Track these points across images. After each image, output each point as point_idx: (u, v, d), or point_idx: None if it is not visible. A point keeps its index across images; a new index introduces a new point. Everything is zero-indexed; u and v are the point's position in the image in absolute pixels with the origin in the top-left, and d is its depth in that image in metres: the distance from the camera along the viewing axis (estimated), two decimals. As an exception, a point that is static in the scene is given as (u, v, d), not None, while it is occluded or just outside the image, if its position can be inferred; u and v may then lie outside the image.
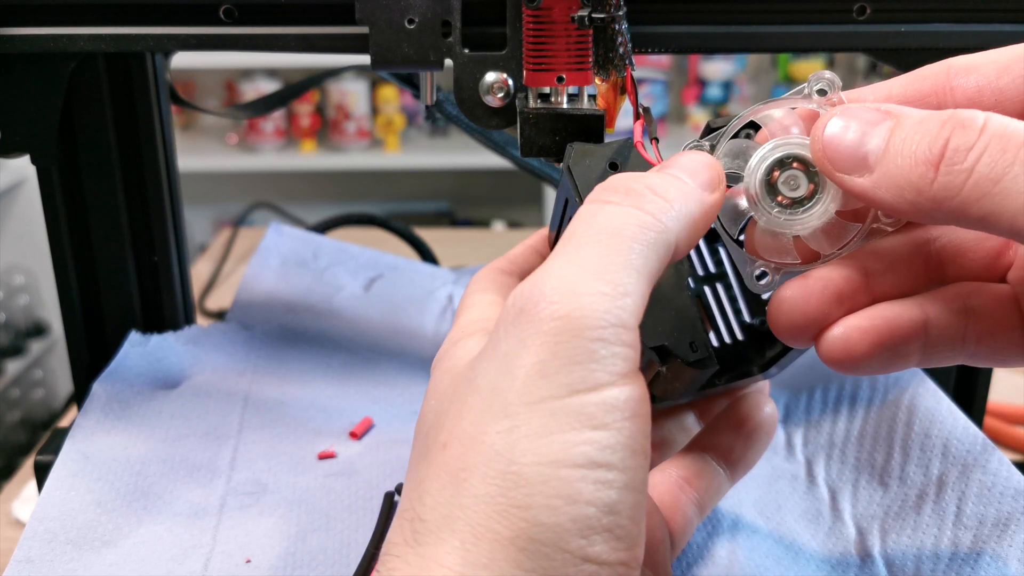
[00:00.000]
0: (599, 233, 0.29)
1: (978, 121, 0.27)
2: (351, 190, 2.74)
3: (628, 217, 0.29)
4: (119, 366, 0.56)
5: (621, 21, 0.38)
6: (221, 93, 2.59)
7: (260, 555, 0.45)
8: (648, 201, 0.29)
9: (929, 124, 0.28)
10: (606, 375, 0.27)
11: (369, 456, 0.53)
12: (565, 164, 0.37)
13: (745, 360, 0.42)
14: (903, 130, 0.29)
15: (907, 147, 0.28)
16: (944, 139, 0.28)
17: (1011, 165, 0.26)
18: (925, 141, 0.28)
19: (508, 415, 0.27)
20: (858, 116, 0.30)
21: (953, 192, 0.27)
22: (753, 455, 0.41)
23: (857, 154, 0.29)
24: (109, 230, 0.57)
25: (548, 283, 0.28)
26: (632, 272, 0.28)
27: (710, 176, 0.31)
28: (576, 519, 0.26)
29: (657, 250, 0.29)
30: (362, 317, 0.70)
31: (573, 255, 0.28)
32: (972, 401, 0.58)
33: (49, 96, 0.50)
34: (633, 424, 0.27)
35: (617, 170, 0.36)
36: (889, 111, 0.30)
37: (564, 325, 0.27)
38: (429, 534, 0.27)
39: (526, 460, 0.27)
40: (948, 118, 0.28)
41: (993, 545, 0.43)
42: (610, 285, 0.28)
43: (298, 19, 0.46)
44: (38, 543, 0.44)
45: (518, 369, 0.28)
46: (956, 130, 0.27)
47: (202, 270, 1.09)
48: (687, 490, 0.40)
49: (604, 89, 0.40)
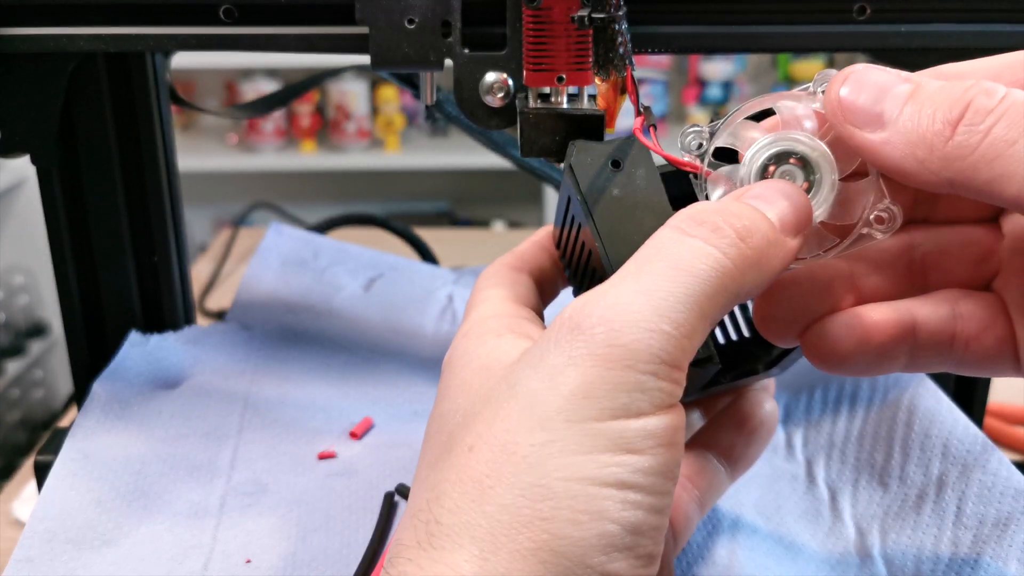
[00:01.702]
0: (673, 268, 0.28)
1: (1000, 90, 0.28)
2: (351, 190, 2.74)
3: (707, 259, 0.28)
4: (119, 366, 0.56)
5: (621, 21, 0.38)
6: (221, 93, 2.59)
7: (260, 555, 0.45)
8: (731, 245, 0.29)
9: (952, 88, 0.29)
10: (649, 406, 0.28)
11: (369, 456, 0.53)
12: (567, 162, 0.37)
13: (750, 358, 0.42)
14: (925, 91, 0.29)
15: (927, 107, 0.29)
16: (966, 101, 0.28)
17: None
18: (947, 102, 0.28)
19: (545, 429, 0.27)
20: (878, 75, 0.30)
21: (967, 151, 0.28)
22: (754, 452, 0.41)
23: (873, 109, 0.29)
24: (109, 230, 0.57)
25: (610, 306, 0.28)
26: (698, 315, 0.28)
27: (797, 219, 0.30)
28: (601, 535, 0.27)
29: (728, 298, 0.29)
30: (362, 317, 0.70)
31: (642, 283, 0.28)
32: (972, 401, 0.58)
33: (49, 96, 0.50)
34: (668, 452, 0.28)
35: (619, 168, 0.36)
36: (909, 77, 0.30)
37: (619, 353, 0.27)
38: (445, 538, 0.27)
39: (557, 475, 0.27)
40: (972, 84, 0.28)
41: (993, 545, 0.43)
42: (673, 324, 0.28)
43: (298, 19, 0.46)
44: (38, 542, 0.44)
45: (563, 386, 0.28)
46: (979, 95, 0.28)
47: (202, 270, 1.09)
48: (688, 488, 0.40)
49: (604, 89, 0.40)
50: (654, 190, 0.36)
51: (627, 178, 0.36)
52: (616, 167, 0.36)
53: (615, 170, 0.36)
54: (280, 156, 2.49)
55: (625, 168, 0.37)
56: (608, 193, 0.36)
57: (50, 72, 0.49)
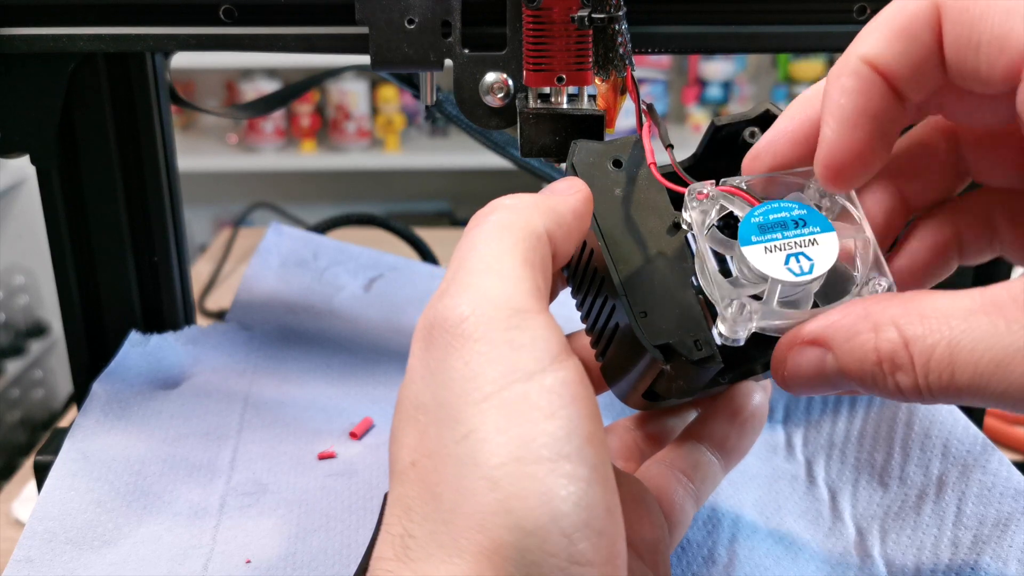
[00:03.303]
0: (473, 245, 0.30)
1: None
2: (351, 190, 2.74)
3: (490, 224, 0.30)
4: (119, 366, 0.56)
5: (621, 21, 0.38)
6: (221, 93, 2.59)
7: (260, 555, 0.45)
8: (505, 208, 0.31)
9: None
10: (533, 362, 0.27)
11: (369, 456, 0.53)
12: (569, 161, 0.37)
13: (747, 359, 0.42)
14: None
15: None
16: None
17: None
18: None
19: (458, 420, 0.27)
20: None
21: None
22: (746, 443, 0.41)
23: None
24: (109, 230, 0.57)
25: (446, 295, 0.29)
26: (516, 261, 0.29)
27: (569, 185, 0.33)
28: (555, 518, 0.26)
29: (528, 240, 0.30)
30: (362, 317, 0.70)
31: (457, 270, 0.30)
32: (972, 401, 0.58)
33: (49, 96, 0.50)
34: (574, 409, 0.27)
35: (620, 167, 0.36)
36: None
37: (474, 323, 0.28)
38: (420, 549, 0.27)
39: (492, 463, 0.26)
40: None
41: (993, 545, 0.43)
42: (499, 275, 0.29)
43: (298, 19, 0.46)
44: (38, 543, 0.44)
45: (450, 375, 0.28)
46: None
47: (202, 270, 1.09)
48: (683, 480, 0.40)
49: (604, 89, 0.40)
50: (656, 189, 0.36)
51: (629, 177, 0.36)
52: (618, 166, 0.36)
53: (617, 169, 0.36)
54: (280, 156, 2.49)
55: (627, 167, 0.37)
56: (610, 192, 0.36)
57: (50, 72, 0.49)
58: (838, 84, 0.30)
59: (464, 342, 0.28)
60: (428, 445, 0.28)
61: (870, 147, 0.30)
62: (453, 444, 0.27)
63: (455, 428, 0.27)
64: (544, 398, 0.27)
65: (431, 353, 0.29)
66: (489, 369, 0.27)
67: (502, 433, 0.26)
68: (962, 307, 0.25)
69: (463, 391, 0.27)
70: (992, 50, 0.27)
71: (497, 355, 0.27)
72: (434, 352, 0.29)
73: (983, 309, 0.24)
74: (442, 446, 0.27)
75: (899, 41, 0.29)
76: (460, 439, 0.27)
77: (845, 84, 0.29)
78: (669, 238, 0.36)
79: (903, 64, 0.29)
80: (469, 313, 0.28)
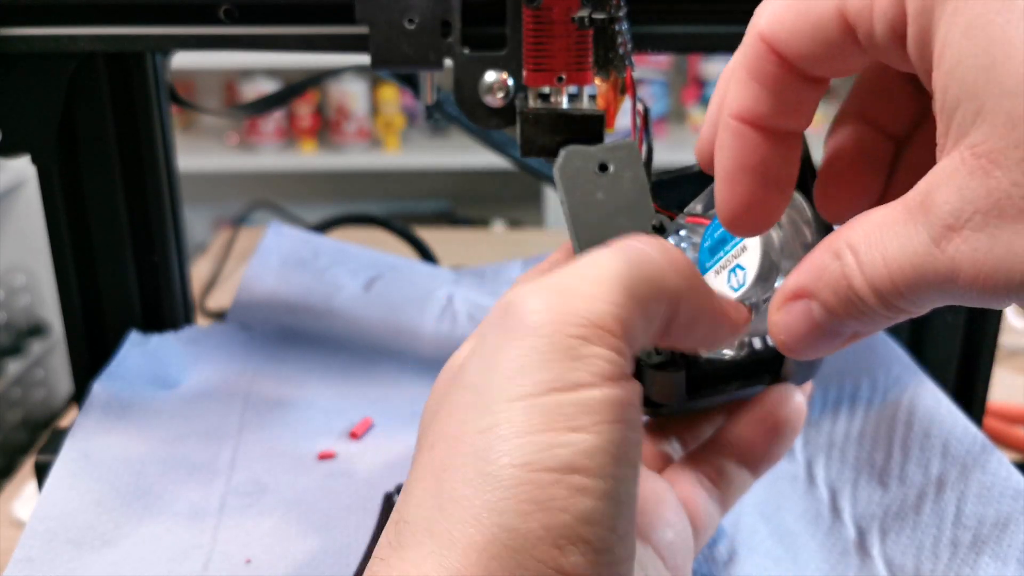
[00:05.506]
0: (599, 255, 0.29)
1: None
2: (351, 190, 2.74)
3: (633, 250, 0.29)
4: (119, 366, 0.56)
5: (621, 21, 0.38)
6: (221, 93, 2.59)
7: (260, 555, 0.45)
8: (642, 239, 0.30)
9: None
10: (587, 375, 0.27)
11: (369, 456, 0.53)
12: (555, 168, 0.37)
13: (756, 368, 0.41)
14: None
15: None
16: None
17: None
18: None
19: (489, 412, 0.27)
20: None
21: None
22: (776, 450, 0.40)
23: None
24: (109, 230, 0.57)
25: (539, 284, 0.28)
26: (627, 292, 0.28)
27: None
28: (549, 526, 0.25)
29: (653, 288, 0.29)
30: (362, 317, 0.70)
31: (571, 267, 0.29)
32: (972, 401, 0.58)
33: (49, 96, 0.50)
34: (615, 430, 0.27)
35: (606, 171, 0.36)
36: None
37: (549, 318, 0.27)
38: (410, 536, 0.27)
39: (502, 462, 0.26)
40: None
41: (993, 545, 0.43)
42: (595, 289, 0.28)
43: (298, 19, 0.46)
44: (38, 543, 0.44)
45: (500, 364, 0.27)
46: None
47: (202, 270, 1.09)
48: (708, 485, 0.39)
49: (604, 89, 0.40)
50: (639, 193, 0.36)
51: (613, 181, 0.36)
52: (603, 171, 0.36)
53: (602, 173, 0.36)
54: (280, 156, 2.49)
55: (613, 171, 0.37)
56: (592, 197, 0.36)
57: (50, 72, 0.49)
58: (719, 137, 0.29)
59: (526, 335, 0.27)
60: (453, 429, 0.28)
61: (758, 197, 0.29)
62: (475, 433, 0.27)
63: (482, 418, 0.27)
64: (577, 411, 0.26)
65: (494, 332, 0.28)
66: (538, 371, 0.27)
67: (522, 436, 0.26)
68: (888, 217, 0.25)
69: (505, 384, 0.27)
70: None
71: (551, 359, 0.27)
72: (497, 333, 0.28)
73: (900, 216, 0.24)
74: (464, 433, 0.27)
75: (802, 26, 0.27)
76: (483, 430, 0.27)
77: (721, 139, 0.29)
78: None
79: (804, 46, 0.27)
80: (542, 308, 0.27)
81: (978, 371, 0.58)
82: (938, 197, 0.23)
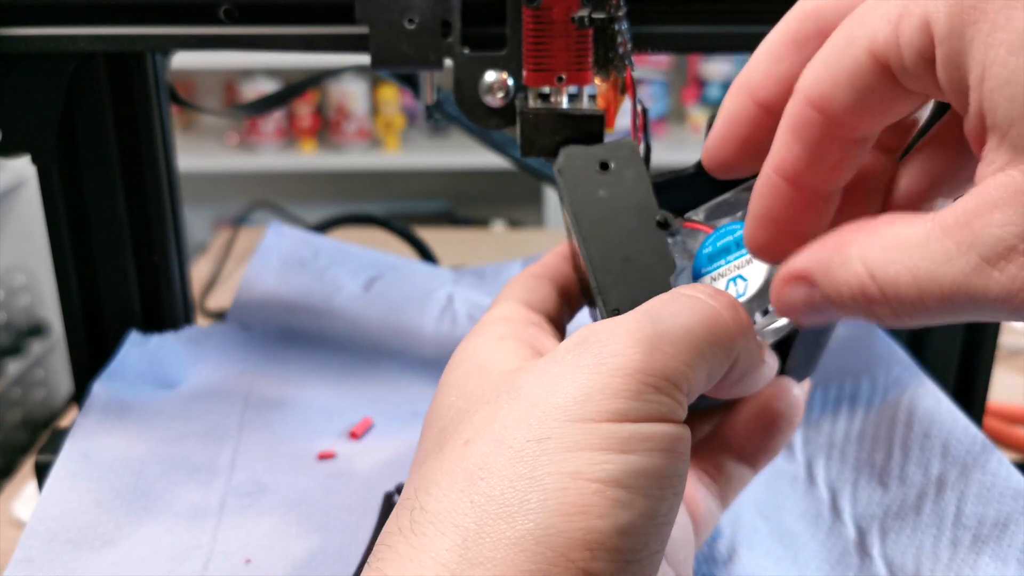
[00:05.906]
0: (676, 306, 0.30)
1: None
2: (351, 190, 2.74)
3: (707, 309, 0.30)
4: (119, 366, 0.56)
5: (621, 21, 0.38)
6: (221, 93, 2.59)
7: (260, 555, 0.45)
8: (727, 306, 0.31)
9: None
10: (647, 415, 0.28)
11: (369, 456, 0.53)
12: (555, 167, 0.37)
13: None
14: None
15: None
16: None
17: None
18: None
19: (543, 427, 0.28)
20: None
21: None
22: (776, 444, 0.40)
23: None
24: (109, 230, 0.57)
25: (616, 323, 0.29)
26: (695, 351, 0.29)
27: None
28: (587, 531, 0.26)
29: (719, 349, 0.30)
30: (362, 317, 0.70)
31: (649, 314, 0.30)
32: (972, 401, 0.58)
33: (49, 96, 0.50)
34: (664, 457, 0.28)
35: (607, 170, 0.36)
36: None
37: (620, 363, 0.28)
38: (428, 525, 0.27)
39: (549, 469, 0.27)
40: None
41: (993, 545, 0.43)
42: (674, 348, 0.29)
43: (298, 19, 0.46)
44: (38, 543, 0.44)
45: (565, 390, 0.28)
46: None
47: (202, 270, 1.09)
48: (708, 483, 0.39)
49: (604, 89, 0.40)
50: (642, 191, 0.36)
51: (615, 179, 0.36)
52: (604, 169, 0.36)
53: (603, 172, 0.36)
54: (280, 156, 2.49)
55: (614, 170, 0.36)
56: (594, 195, 0.36)
57: (50, 72, 0.49)
58: (759, 183, 0.30)
59: (599, 372, 0.28)
60: (498, 433, 0.28)
61: (788, 244, 0.30)
62: (525, 441, 0.28)
63: (536, 429, 0.28)
64: (631, 437, 0.28)
65: (564, 359, 0.29)
66: (602, 402, 0.28)
67: (573, 451, 0.27)
68: (918, 234, 0.25)
69: (568, 405, 0.28)
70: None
71: (618, 397, 0.28)
72: (568, 361, 0.29)
73: (935, 234, 0.25)
74: (513, 439, 0.28)
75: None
76: (534, 439, 0.28)
77: (759, 187, 0.30)
78: (651, 238, 0.35)
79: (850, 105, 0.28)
80: (621, 354, 0.29)
81: (978, 371, 0.58)
82: (994, 218, 0.23)
